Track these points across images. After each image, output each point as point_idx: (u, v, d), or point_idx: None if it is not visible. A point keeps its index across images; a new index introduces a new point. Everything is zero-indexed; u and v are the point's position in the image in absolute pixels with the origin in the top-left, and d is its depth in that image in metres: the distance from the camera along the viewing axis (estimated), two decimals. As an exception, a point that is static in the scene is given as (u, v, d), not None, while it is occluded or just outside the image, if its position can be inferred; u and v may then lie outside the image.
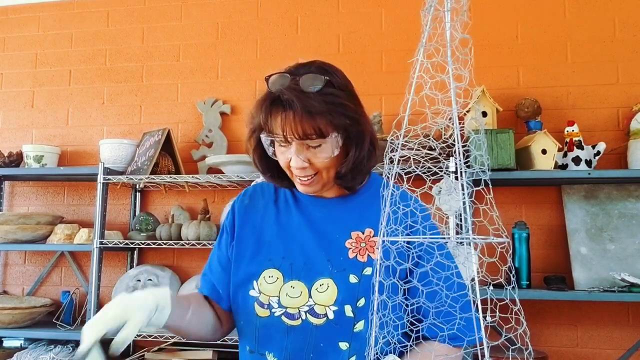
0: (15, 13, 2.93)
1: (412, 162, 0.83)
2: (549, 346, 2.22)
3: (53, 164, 2.59)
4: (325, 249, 1.06)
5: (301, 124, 0.97)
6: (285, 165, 1.05)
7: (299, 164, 1.01)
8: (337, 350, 0.99)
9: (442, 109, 0.75)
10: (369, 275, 1.02)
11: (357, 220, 1.09)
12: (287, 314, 1.02)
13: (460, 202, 0.82)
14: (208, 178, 2.32)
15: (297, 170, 1.03)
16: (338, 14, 2.61)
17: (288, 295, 1.03)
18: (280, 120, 0.98)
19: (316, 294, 1.02)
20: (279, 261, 1.07)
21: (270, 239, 1.10)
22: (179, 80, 2.71)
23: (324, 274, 1.03)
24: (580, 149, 2.10)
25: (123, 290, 2.37)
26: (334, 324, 0.99)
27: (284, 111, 0.98)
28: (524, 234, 2.10)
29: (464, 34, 0.74)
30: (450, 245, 0.79)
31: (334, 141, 1.00)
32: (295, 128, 0.97)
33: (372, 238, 1.06)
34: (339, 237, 1.07)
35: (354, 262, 1.04)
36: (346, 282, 1.01)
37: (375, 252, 1.04)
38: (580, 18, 2.40)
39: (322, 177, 1.05)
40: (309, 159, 1.02)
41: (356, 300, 1.00)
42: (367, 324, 0.98)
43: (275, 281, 1.05)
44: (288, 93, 0.97)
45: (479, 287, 0.71)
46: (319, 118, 0.97)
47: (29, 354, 2.30)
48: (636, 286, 1.94)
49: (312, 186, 1.06)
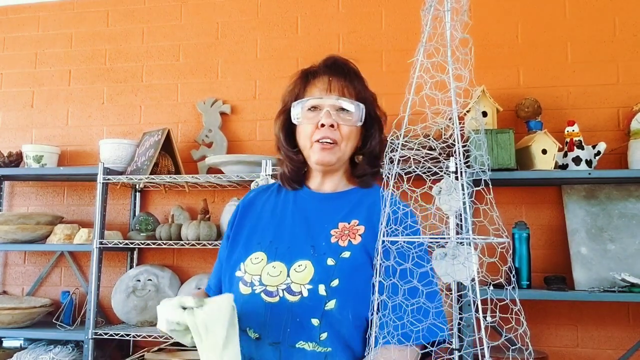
0: (15, 13, 2.93)
1: (412, 162, 0.83)
2: (549, 346, 2.22)
3: (53, 164, 2.58)
4: (311, 235, 1.14)
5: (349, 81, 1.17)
6: (311, 131, 1.16)
7: (329, 121, 1.13)
8: (310, 326, 1.05)
9: (442, 108, 0.75)
10: (346, 258, 1.09)
11: (346, 213, 1.17)
12: (267, 291, 1.08)
13: (461, 202, 0.81)
14: (208, 178, 2.32)
15: (324, 131, 1.14)
16: (338, 14, 2.60)
17: (269, 274, 1.10)
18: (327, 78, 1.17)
19: (294, 273, 1.08)
20: (266, 245, 1.15)
21: (264, 227, 1.19)
22: (179, 80, 2.71)
23: (304, 256, 1.10)
24: (580, 149, 2.10)
25: (123, 291, 2.37)
26: (308, 301, 1.05)
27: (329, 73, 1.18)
28: (524, 234, 2.10)
29: (464, 34, 0.74)
30: (451, 246, 0.79)
31: (360, 111, 1.17)
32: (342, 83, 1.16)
33: (356, 227, 1.14)
34: (327, 226, 1.15)
35: (334, 246, 1.11)
36: (323, 264, 1.08)
37: (356, 238, 1.12)
38: (580, 18, 2.40)
39: (340, 148, 1.16)
40: (337, 121, 1.15)
41: (330, 281, 1.06)
42: (338, 304, 1.04)
43: (259, 262, 1.12)
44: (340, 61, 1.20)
45: (479, 287, 0.71)
46: (358, 84, 1.19)
47: (28, 354, 2.29)
48: (636, 286, 1.94)
49: (330, 153, 1.16)
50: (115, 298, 2.39)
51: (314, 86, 1.19)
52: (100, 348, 2.33)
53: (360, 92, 1.19)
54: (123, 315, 2.36)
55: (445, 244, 1.03)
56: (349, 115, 1.16)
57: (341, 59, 1.21)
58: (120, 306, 2.36)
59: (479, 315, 0.70)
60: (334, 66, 1.19)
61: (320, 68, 1.20)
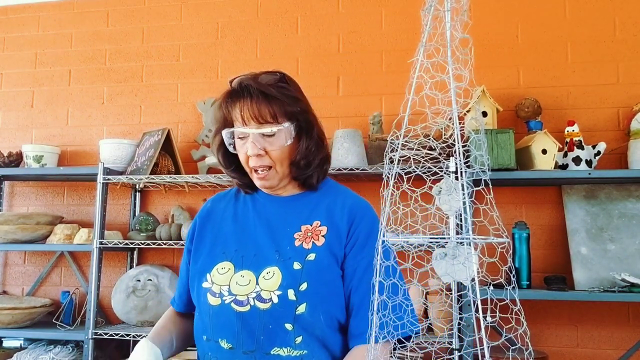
0: (15, 13, 2.93)
1: (412, 162, 0.83)
2: (549, 346, 2.22)
3: (53, 164, 2.58)
4: (275, 241, 1.14)
5: (257, 106, 1.10)
6: (244, 160, 1.14)
7: (255, 151, 1.10)
8: (284, 331, 1.05)
9: (442, 109, 0.75)
10: (312, 260, 1.09)
11: (308, 215, 1.17)
12: (237, 301, 1.08)
13: (461, 202, 0.81)
14: (208, 178, 2.32)
15: (254, 160, 1.12)
16: (338, 14, 2.60)
17: (238, 283, 1.09)
18: (239, 106, 1.11)
19: (263, 281, 1.08)
20: (231, 254, 1.14)
21: (226, 235, 1.19)
22: (179, 80, 2.71)
23: (271, 263, 1.10)
24: (580, 149, 2.10)
25: (123, 291, 2.37)
26: (279, 307, 1.06)
27: (242, 98, 1.11)
28: (524, 234, 2.10)
29: (464, 34, 0.74)
30: (451, 246, 0.79)
31: (287, 130, 1.12)
32: (252, 110, 1.10)
33: (319, 227, 1.14)
34: (289, 229, 1.15)
35: (298, 249, 1.11)
36: (290, 269, 1.08)
37: (319, 239, 1.12)
38: (580, 18, 2.40)
39: (276, 171, 1.14)
40: (264, 148, 1.11)
41: (299, 285, 1.07)
42: (309, 307, 1.05)
43: (226, 272, 1.12)
44: (247, 81, 1.12)
45: (479, 287, 0.71)
46: (273, 103, 1.10)
47: (28, 354, 2.29)
48: (636, 286, 1.94)
49: (268, 180, 1.15)
50: (115, 298, 2.39)
51: (233, 114, 1.13)
52: (100, 348, 2.33)
53: (282, 108, 1.11)
54: (123, 315, 2.36)
55: (445, 244, 1.03)
56: (275, 138, 1.11)
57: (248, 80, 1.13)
58: (120, 306, 2.36)
59: (479, 316, 0.70)
60: (242, 91, 1.12)
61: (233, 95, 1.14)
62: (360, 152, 2.23)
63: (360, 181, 2.38)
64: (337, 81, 2.54)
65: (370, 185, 2.34)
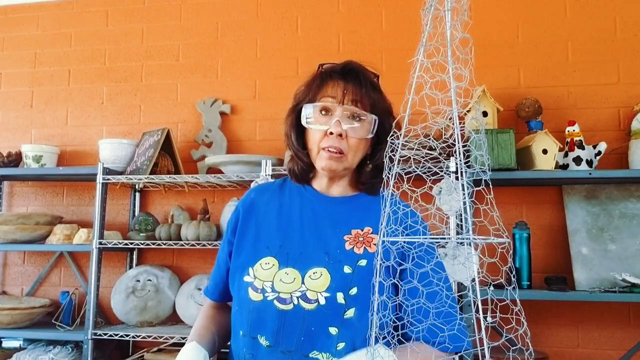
0: (15, 12, 2.92)
1: (413, 162, 0.83)
2: (549, 347, 2.21)
3: (52, 164, 2.58)
4: (324, 242, 1.10)
5: (362, 91, 1.11)
6: (319, 137, 1.12)
7: (339, 130, 1.09)
8: (327, 335, 1.02)
9: (443, 108, 0.74)
10: (363, 266, 1.06)
11: (358, 219, 1.13)
12: (280, 298, 1.05)
13: (461, 202, 0.81)
14: (208, 178, 2.32)
15: (332, 139, 1.10)
16: (338, 14, 2.60)
17: (282, 280, 1.06)
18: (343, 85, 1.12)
19: (309, 280, 1.05)
20: (276, 249, 1.11)
21: (270, 229, 1.15)
22: (179, 79, 2.70)
23: (319, 263, 1.07)
24: (581, 149, 2.10)
25: (122, 291, 2.36)
26: (325, 309, 1.02)
27: (349, 78, 1.12)
28: (524, 234, 2.10)
29: (465, 34, 0.73)
30: (451, 246, 0.78)
31: (371, 122, 1.12)
32: (356, 93, 1.11)
33: (370, 234, 1.11)
34: (339, 231, 1.11)
35: (349, 253, 1.08)
36: (340, 272, 1.05)
37: (372, 246, 1.09)
38: (581, 17, 2.39)
39: (347, 159, 1.12)
40: (346, 131, 1.10)
41: (349, 289, 1.04)
42: (357, 312, 1.02)
43: (270, 267, 1.08)
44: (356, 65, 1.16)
45: (480, 288, 0.71)
46: (375, 94, 1.14)
47: (28, 354, 2.29)
48: (637, 286, 1.93)
49: (336, 161, 1.12)
50: (114, 298, 2.38)
51: (328, 89, 1.14)
52: (99, 348, 2.32)
53: (376, 103, 1.14)
54: (122, 315, 2.36)
55: (446, 244, 1.02)
56: (360, 126, 1.12)
57: (360, 67, 1.17)
58: (119, 306, 2.36)
59: (479, 316, 0.70)
60: (351, 73, 1.14)
61: (337, 73, 1.15)
62: (360, 152, 2.22)
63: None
64: (337, 81, 2.53)
65: (370, 185, 2.33)
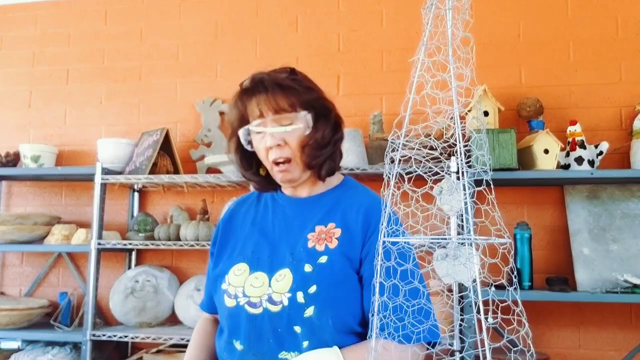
0: (13, 12, 2.91)
1: (413, 162, 0.82)
2: (551, 348, 2.20)
3: (50, 163, 2.57)
4: (290, 242, 1.13)
5: (274, 97, 1.10)
6: (264, 155, 1.14)
7: (274, 142, 1.10)
8: (294, 334, 1.05)
9: (444, 108, 0.74)
10: (323, 263, 1.08)
11: (323, 216, 1.16)
12: (250, 302, 1.08)
13: (462, 202, 0.80)
14: (207, 178, 2.31)
15: (274, 152, 1.11)
16: (338, 13, 2.59)
17: (252, 285, 1.10)
18: (255, 100, 1.11)
19: (275, 283, 1.08)
20: (248, 256, 1.15)
21: (245, 238, 1.19)
22: (178, 79, 2.69)
23: (284, 265, 1.10)
24: (582, 149, 2.09)
25: (121, 292, 2.35)
26: (288, 309, 1.05)
27: (258, 92, 1.11)
28: (526, 234, 2.09)
29: (466, 33, 0.73)
30: (452, 246, 0.78)
31: (304, 119, 1.12)
32: (268, 102, 1.10)
33: (333, 229, 1.13)
34: (304, 230, 1.14)
35: (311, 251, 1.10)
36: (301, 271, 1.07)
37: (332, 241, 1.11)
38: (582, 17, 2.38)
39: (296, 162, 1.13)
40: (283, 139, 1.11)
41: (308, 288, 1.05)
42: (317, 310, 1.04)
43: (242, 273, 1.12)
44: (259, 76, 1.13)
45: (481, 288, 0.70)
46: (289, 92, 1.11)
47: (26, 355, 2.28)
48: (639, 287, 1.92)
49: (289, 173, 1.13)
50: (113, 299, 2.37)
51: (249, 109, 1.14)
52: (98, 349, 2.31)
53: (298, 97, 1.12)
54: (121, 316, 2.34)
55: (447, 245, 1.01)
56: (293, 129, 1.12)
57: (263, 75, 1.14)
58: (118, 307, 2.35)
59: (480, 317, 0.69)
60: (258, 86, 1.13)
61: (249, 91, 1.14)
62: (361, 152, 2.21)
63: (361, 181, 2.34)
64: (337, 80, 2.52)
65: (370, 185, 2.29)
